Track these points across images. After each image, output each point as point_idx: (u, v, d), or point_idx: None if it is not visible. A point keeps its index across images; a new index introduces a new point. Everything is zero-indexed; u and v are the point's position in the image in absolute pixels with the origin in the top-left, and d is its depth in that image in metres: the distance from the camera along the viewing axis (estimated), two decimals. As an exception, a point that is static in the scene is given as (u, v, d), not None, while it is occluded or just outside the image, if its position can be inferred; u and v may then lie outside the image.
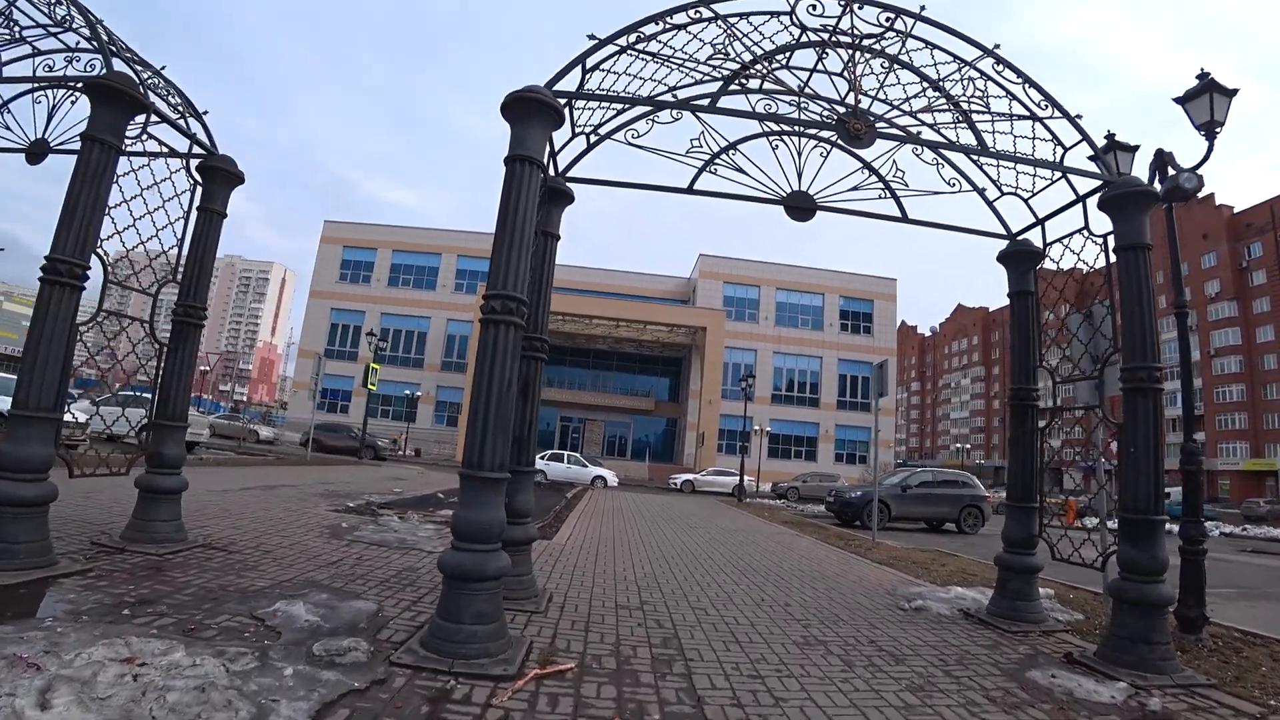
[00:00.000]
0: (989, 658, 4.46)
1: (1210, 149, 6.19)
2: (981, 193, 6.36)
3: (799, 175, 5.89)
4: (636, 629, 4.36)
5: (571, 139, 5.42)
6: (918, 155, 6.24)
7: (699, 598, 5.55)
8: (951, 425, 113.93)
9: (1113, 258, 5.22)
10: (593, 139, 5.49)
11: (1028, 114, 5.59)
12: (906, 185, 6.13)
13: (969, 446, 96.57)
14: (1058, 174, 5.74)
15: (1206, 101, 6.17)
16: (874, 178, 6.12)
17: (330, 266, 48.39)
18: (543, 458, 26.85)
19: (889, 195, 6.08)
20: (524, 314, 3.93)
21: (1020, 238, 6.35)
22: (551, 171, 5.43)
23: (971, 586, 7.19)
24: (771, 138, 5.94)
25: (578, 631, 4.15)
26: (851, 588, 6.75)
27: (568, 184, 5.53)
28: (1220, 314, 67.99)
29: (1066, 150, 5.56)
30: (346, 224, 50.35)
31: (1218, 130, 6.20)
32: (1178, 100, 6.43)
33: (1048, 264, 6.07)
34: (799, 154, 5.90)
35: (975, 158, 6.07)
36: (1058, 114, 5.48)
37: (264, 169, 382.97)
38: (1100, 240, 5.45)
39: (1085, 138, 5.44)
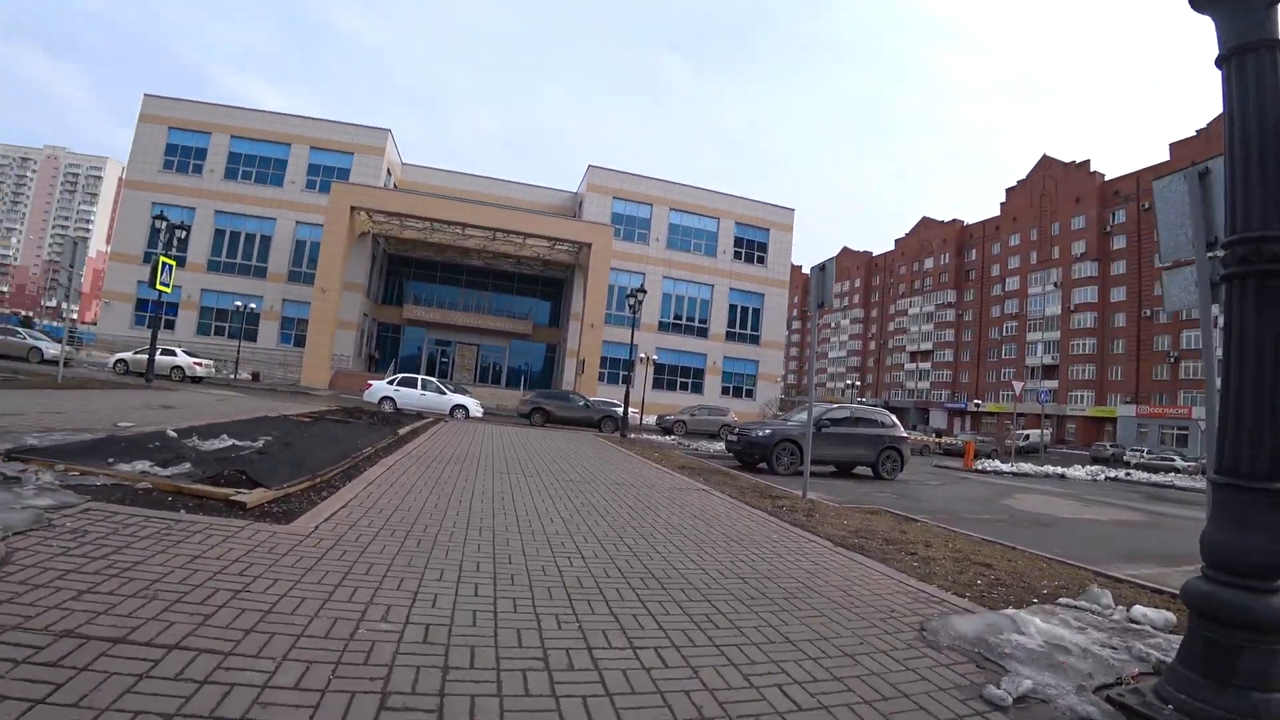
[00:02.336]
0: None
1: None
2: None
3: None
4: None
5: None
6: None
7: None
8: (829, 364, 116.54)
9: None
10: None
11: None
12: None
13: (844, 386, 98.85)
14: None
15: None
16: None
17: (152, 152, 40.13)
18: (392, 382, 22.59)
19: None
20: None
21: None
22: None
23: (1029, 606, 4.18)
24: None
25: None
26: (851, 625, 3.51)
27: None
28: (1082, 273, 71.17)
29: None
30: (173, 100, 41.76)
31: None
32: None
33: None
34: None
35: None
36: None
37: (102, 48, 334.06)
38: None
39: None
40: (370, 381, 23.43)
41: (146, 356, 25.10)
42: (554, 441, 14.81)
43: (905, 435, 16.21)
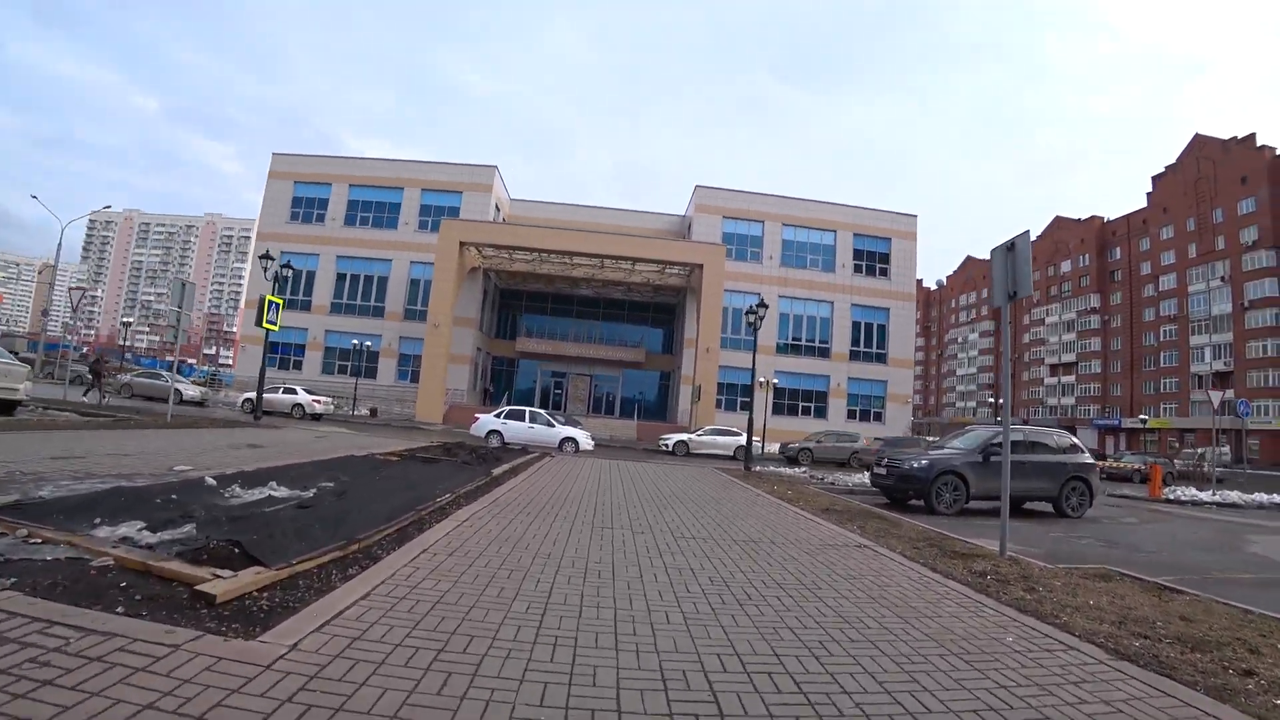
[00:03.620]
0: None
1: None
2: None
3: None
4: None
5: None
6: None
7: None
8: (957, 382, 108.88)
9: None
10: None
11: None
12: None
13: (974, 405, 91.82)
14: None
15: None
16: None
17: (279, 205, 42.50)
18: (499, 415, 21.61)
19: None
20: None
21: None
22: None
23: None
24: None
25: None
26: None
27: None
28: (1257, 263, 62.21)
29: None
30: (297, 156, 44.31)
31: None
32: None
33: None
34: None
35: None
36: None
37: (248, 126, 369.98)
38: None
39: None
40: (477, 415, 22.59)
41: (273, 395, 26.19)
42: (669, 478, 13.04)
43: (1093, 462, 13.34)
